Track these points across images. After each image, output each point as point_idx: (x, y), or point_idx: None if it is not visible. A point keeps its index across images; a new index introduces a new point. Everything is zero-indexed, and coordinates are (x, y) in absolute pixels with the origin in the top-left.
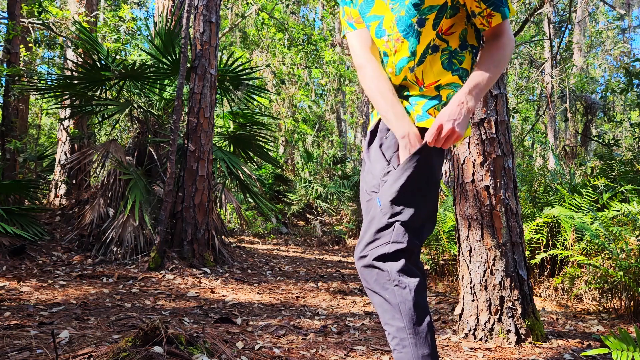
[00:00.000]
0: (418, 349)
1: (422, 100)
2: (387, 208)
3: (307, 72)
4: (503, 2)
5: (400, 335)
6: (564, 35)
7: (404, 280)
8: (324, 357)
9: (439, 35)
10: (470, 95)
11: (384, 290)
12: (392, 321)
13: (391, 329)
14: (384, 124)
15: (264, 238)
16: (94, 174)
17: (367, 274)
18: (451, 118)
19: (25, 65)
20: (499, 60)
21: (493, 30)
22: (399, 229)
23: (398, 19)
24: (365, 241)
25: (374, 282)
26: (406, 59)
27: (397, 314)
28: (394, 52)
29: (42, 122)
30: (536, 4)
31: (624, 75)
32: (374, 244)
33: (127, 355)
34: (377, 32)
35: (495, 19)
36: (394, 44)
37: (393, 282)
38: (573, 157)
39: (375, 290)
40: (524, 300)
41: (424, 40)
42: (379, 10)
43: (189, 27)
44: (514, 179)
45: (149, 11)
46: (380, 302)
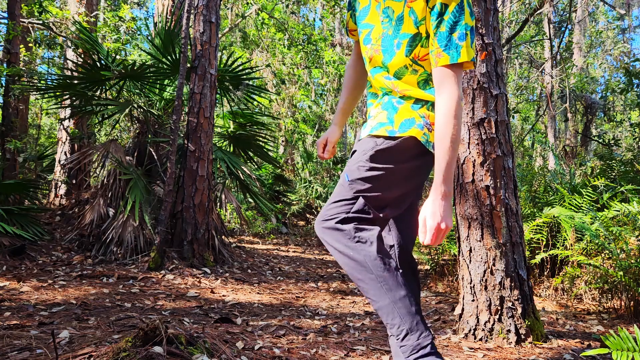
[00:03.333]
0: (393, 292)
1: (400, 113)
2: (353, 184)
3: (307, 72)
4: (454, 47)
5: (373, 286)
6: (564, 35)
7: (363, 235)
8: (324, 357)
9: (415, 61)
10: (445, 182)
11: (347, 249)
12: (361, 275)
13: (363, 283)
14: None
15: (264, 238)
16: (94, 174)
17: (328, 235)
18: (442, 216)
19: (25, 65)
20: (445, 128)
21: (438, 72)
22: (362, 202)
23: (384, 35)
24: (329, 207)
25: (336, 242)
26: (380, 68)
27: (364, 268)
28: (369, 60)
29: (42, 122)
30: (536, 4)
31: (624, 75)
32: (337, 210)
33: (127, 355)
34: (365, 39)
35: (443, 59)
36: (372, 53)
37: (354, 239)
38: (573, 157)
39: (339, 250)
40: (524, 300)
41: (398, 61)
42: (372, 20)
43: (189, 27)
44: (514, 179)
45: (149, 11)
46: (346, 261)
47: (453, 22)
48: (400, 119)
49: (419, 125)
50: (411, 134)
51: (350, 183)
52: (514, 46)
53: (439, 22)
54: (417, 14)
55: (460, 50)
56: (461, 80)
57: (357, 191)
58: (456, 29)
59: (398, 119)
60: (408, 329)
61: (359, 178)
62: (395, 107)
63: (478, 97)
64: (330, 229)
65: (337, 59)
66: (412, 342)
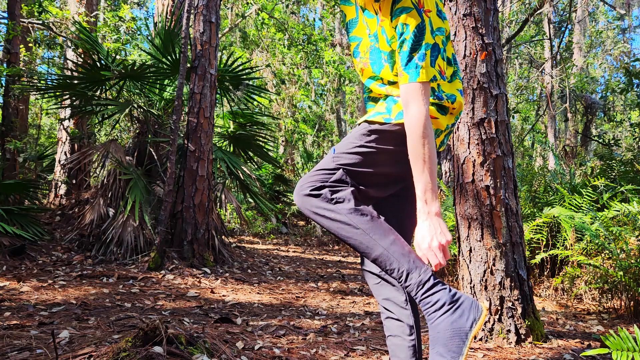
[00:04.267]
0: (383, 239)
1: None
2: (337, 157)
3: (307, 72)
4: (414, 66)
5: (363, 239)
6: (564, 35)
7: (339, 194)
8: (324, 357)
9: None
10: (428, 202)
11: (327, 212)
12: (348, 233)
13: (352, 240)
14: None
15: (264, 238)
16: (94, 174)
17: (307, 202)
18: (426, 242)
19: (25, 65)
20: (417, 150)
21: (402, 91)
22: (341, 173)
23: (372, 48)
24: (307, 176)
25: (315, 207)
26: (373, 79)
27: (349, 225)
28: (361, 72)
29: (42, 122)
30: (536, 4)
31: (624, 75)
32: (315, 179)
33: (127, 355)
34: (355, 52)
35: (403, 78)
36: (362, 65)
37: (331, 201)
38: (573, 157)
39: (320, 214)
40: (524, 300)
41: (387, 74)
42: (360, 33)
43: (189, 27)
44: (514, 179)
45: (149, 11)
46: (329, 223)
47: (414, 41)
48: (398, 109)
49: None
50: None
51: (335, 156)
52: (514, 46)
53: (402, 41)
54: (386, 33)
55: (420, 71)
56: (428, 95)
57: (340, 164)
58: (416, 49)
59: (396, 109)
60: (407, 269)
61: (344, 152)
62: (395, 100)
63: (478, 97)
64: (307, 195)
65: (337, 59)
66: (415, 280)
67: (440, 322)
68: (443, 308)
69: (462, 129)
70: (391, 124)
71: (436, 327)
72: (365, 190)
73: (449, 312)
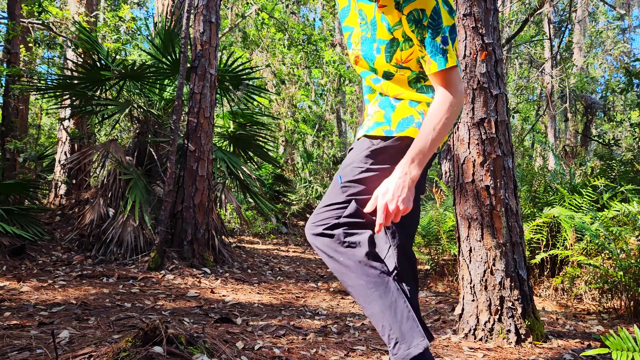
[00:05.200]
0: (383, 299)
1: (396, 111)
2: (346, 186)
3: (307, 72)
4: (439, 51)
5: (364, 293)
6: (564, 35)
7: (353, 239)
8: (324, 357)
9: (399, 66)
10: (413, 164)
11: (337, 254)
12: (351, 281)
13: (353, 289)
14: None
15: (264, 238)
16: (94, 174)
17: (318, 240)
18: (395, 195)
19: (25, 65)
20: (436, 121)
21: (432, 79)
22: (354, 206)
23: (364, 39)
24: (319, 212)
25: (325, 247)
26: (367, 71)
27: (354, 273)
28: (355, 62)
29: (42, 122)
30: (536, 4)
31: (624, 75)
32: (327, 215)
33: (127, 355)
34: (348, 42)
35: (432, 66)
36: (355, 58)
37: (344, 244)
38: (573, 157)
39: (329, 254)
40: (524, 300)
41: (380, 65)
42: (352, 22)
43: (189, 27)
44: (514, 179)
45: (149, 11)
46: (335, 266)
47: (434, 26)
48: (397, 118)
49: (417, 124)
50: (409, 134)
51: (343, 186)
52: (514, 46)
53: (420, 28)
54: (388, 20)
55: (447, 56)
56: (459, 77)
57: (350, 194)
58: (438, 33)
59: (395, 118)
60: (397, 337)
61: (352, 180)
62: (393, 106)
63: (478, 97)
64: (319, 235)
65: (337, 59)
66: (401, 353)
67: None
68: None
69: (462, 129)
70: (393, 139)
71: None
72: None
73: None
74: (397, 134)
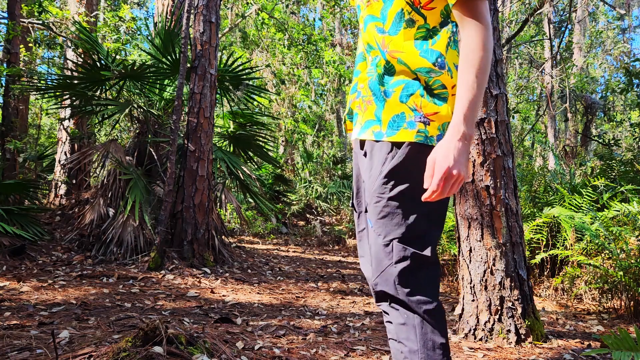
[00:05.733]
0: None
1: (386, 110)
2: (382, 234)
3: (307, 72)
4: None
5: (412, 357)
6: (564, 35)
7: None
8: (324, 357)
9: (416, 8)
10: (463, 123)
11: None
12: (405, 341)
13: (402, 347)
14: None
15: (264, 238)
16: (94, 174)
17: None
18: (447, 163)
19: (25, 65)
20: (476, 63)
21: (461, 9)
22: (397, 246)
23: None
24: (373, 269)
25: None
26: (374, 17)
27: (412, 334)
28: (365, 6)
29: (42, 122)
30: (536, 4)
31: (624, 75)
32: (380, 270)
33: (127, 355)
34: None
35: None
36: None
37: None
38: (573, 157)
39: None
40: (524, 300)
41: (396, 6)
42: None
43: (189, 27)
44: (514, 179)
45: (149, 11)
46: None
47: None
48: (388, 116)
49: (410, 124)
50: (400, 138)
51: (380, 235)
52: (514, 46)
53: None
54: None
55: None
56: (487, 10)
57: (391, 239)
58: None
59: (386, 116)
60: None
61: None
62: (382, 99)
63: None
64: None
65: (337, 59)
66: None
67: None
68: None
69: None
70: (398, 155)
71: None
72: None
73: None
74: (388, 138)
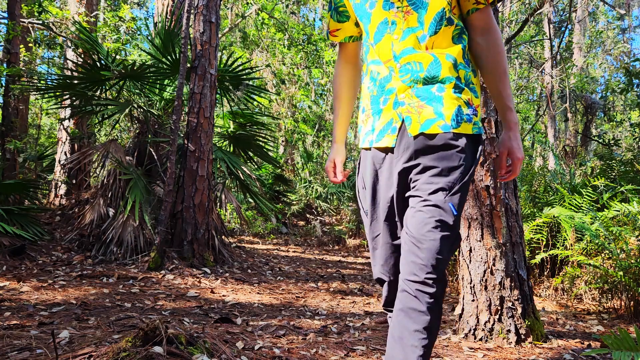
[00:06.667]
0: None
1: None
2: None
3: (307, 72)
4: None
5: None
6: (564, 35)
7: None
8: (324, 357)
9: (451, 10)
10: (515, 117)
11: (422, 306)
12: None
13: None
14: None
15: (264, 238)
16: (94, 174)
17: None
18: (522, 152)
19: (25, 65)
20: (505, 62)
21: (483, 14)
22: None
23: None
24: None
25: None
26: (414, 29)
27: (421, 321)
28: (404, 20)
29: (42, 122)
30: (536, 4)
31: (624, 75)
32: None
33: (127, 355)
34: (385, 6)
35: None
36: (403, 15)
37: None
38: (573, 157)
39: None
40: (524, 300)
41: (433, 10)
42: None
43: (189, 27)
44: (514, 179)
45: (149, 11)
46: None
47: None
48: (449, 112)
49: (467, 117)
50: (464, 130)
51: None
52: (514, 46)
53: None
54: None
55: None
56: None
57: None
58: None
59: (447, 112)
60: None
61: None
62: (439, 97)
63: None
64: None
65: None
66: None
67: None
68: None
69: None
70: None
71: None
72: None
73: None
74: (454, 130)
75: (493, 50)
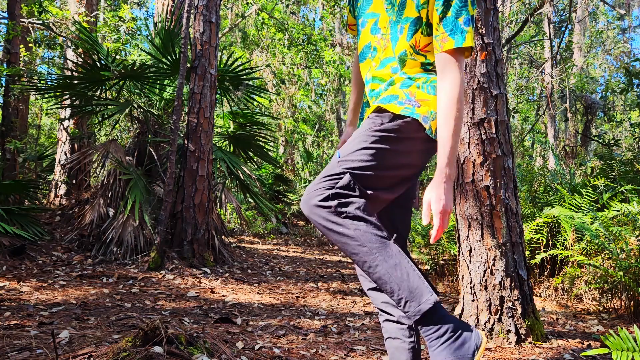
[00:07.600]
0: (388, 261)
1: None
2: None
3: (307, 72)
4: (460, 31)
5: (368, 259)
6: (564, 35)
7: (349, 209)
8: (324, 357)
9: (416, 50)
10: (447, 167)
11: (335, 225)
12: (354, 249)
13: (356, 257)
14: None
15: (264, 238)
16: (94, 174)
17: (314, 212)
18: (441, 203)
19: (25, 65)
20: (450, 111)
21: (442, 57)
22: (347, 178)
23: (391, 22)
24: (314, 184)
25: (323, 220)
26: (392, 58)
27: (355, 242)
28: (383, 49)
29: (42, 122)
30: (536, 4)
31: (624, 75)
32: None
33: (127, 355)
34: (372, 29)
35: (448, 44)
36: (385, 42)
37: (341, 214)
38: (573, 157)
39: (328, 227)
40: (524, 300)
41: (400, 46)
42: (377, 9)
43: (189, 27)
44: (514, 179)
45: (149, 11)
46: (336, 237)
47: (459, 7)
48: (385, 94)
49: (399, 102)
50: (390, 108)
51: (340, 160)
52: (514, 46)
53: (446, 7)
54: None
55: (466, 35)
56: (463, 66)
57: (346, 168)
58: (461, 14)
59: (385, 94)
60: (406, 297)
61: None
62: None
63: (478, 97)
64: (315, 206)
65: (337, 59)
66: (413, 309)
67: (441, 350)
68: (444, 336)
69: (462, 129)
70: (396, 121)
71: (438, 354)
72: (374, 194)
73: (451, 340)
74: (382, 104)
75: (442, 94)
